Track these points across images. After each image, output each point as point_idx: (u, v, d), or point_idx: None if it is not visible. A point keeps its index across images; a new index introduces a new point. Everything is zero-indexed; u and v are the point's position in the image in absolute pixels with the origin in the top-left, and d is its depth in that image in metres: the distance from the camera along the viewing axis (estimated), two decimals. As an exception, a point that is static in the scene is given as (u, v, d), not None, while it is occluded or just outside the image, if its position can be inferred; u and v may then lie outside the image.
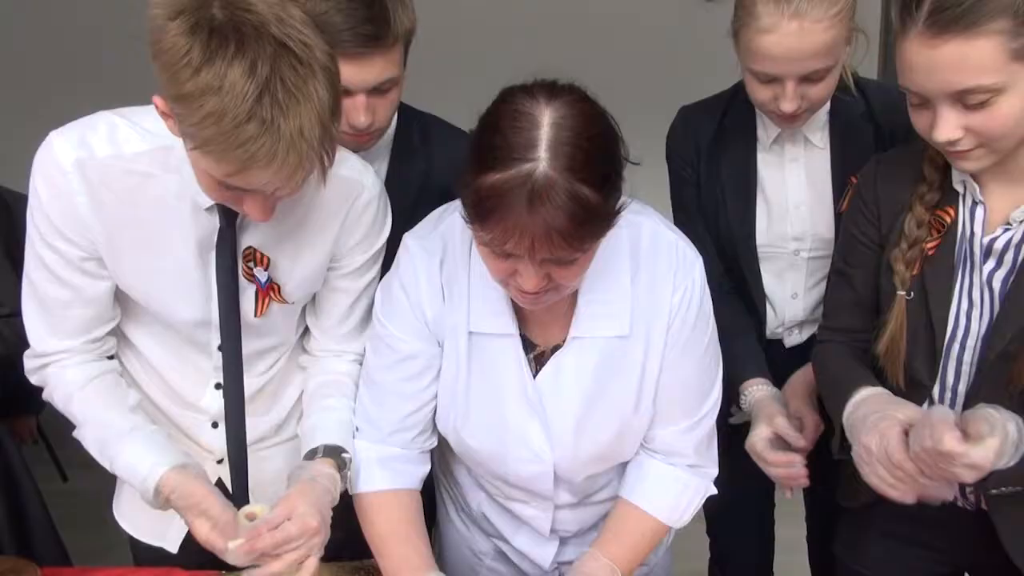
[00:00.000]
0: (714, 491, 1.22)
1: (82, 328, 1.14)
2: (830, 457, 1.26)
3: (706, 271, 1.13)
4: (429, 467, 1.21)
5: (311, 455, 1.15)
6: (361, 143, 1.31)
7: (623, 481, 1.21)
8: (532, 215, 0.88)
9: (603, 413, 1.12)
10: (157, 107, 0.96)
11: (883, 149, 1.39)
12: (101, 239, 1.08)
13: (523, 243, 0.90)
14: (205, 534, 1.03)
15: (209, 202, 1.07)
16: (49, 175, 1.04)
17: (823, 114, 1.44)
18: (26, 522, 1.55)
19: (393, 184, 1.35)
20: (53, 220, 1.06)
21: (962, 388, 1.13)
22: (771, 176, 1.48)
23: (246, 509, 1.06)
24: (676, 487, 1.18)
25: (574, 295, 1.09)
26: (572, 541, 1.28)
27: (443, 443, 1.24)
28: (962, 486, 1.17)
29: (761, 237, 1.50)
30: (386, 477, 1.16)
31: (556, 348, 1.11)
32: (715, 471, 1.21)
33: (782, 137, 1.46)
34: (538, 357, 1.13)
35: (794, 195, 1.48)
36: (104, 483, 1.28)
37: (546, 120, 0.90)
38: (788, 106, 1.29)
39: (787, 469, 1.29)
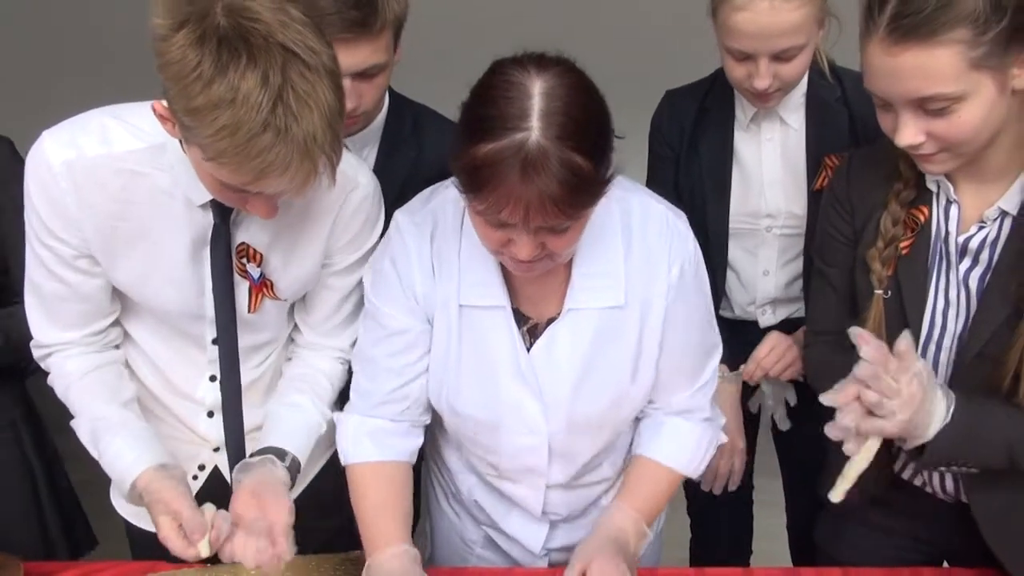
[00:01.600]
0: (725, 439, 1.27)
1: (80, 321, 1.15)
2: (813, 448, 1.28)
3: None
4: (421, 441, 1.22)
5: (263, 452, 1.15)
6: (347, 127, 1.29)
7: (637, 439, 1.23)
8: (525, 183, 0.90)
9: (598, 383, 1.13)
10: (156, 111, 0.96)
11: (856, 135, 1.45)
12: (93, 238, 1.08)
13: (517, 212, 0.92)
14: (165, 532, 1.03)
15: (203, 199, 1.07)
16: (39, 176, 1.05)
17: (799, 96, 1.48)
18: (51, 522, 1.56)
19: (382, 172, 1.35)
20: (44, 220, 1.07)
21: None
22: (747, 154, 1.53)
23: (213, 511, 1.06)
24: (690, 438, 1.21)
25: (567, 268, 1.11)
26: (562, 526, 1.28)
27: (434, 426, 1.26)
28: (942, 478, 1.19)
29: (735, 214, 1.55)
30: (375, 449, 1.17)
31: (551, 321, 1.12)
32: (724, 419, 1.26)
33: (758, 116, 1.50)
34: (531, 330, 1.14)
35: (768, 173, 1.52)
36: (96, 474, 1.27)
37: (537, 90, 0.91)
38: (761, 83, 1.34)
39: None
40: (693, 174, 1.54)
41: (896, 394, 0.97)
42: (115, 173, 1.05)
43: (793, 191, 1.50)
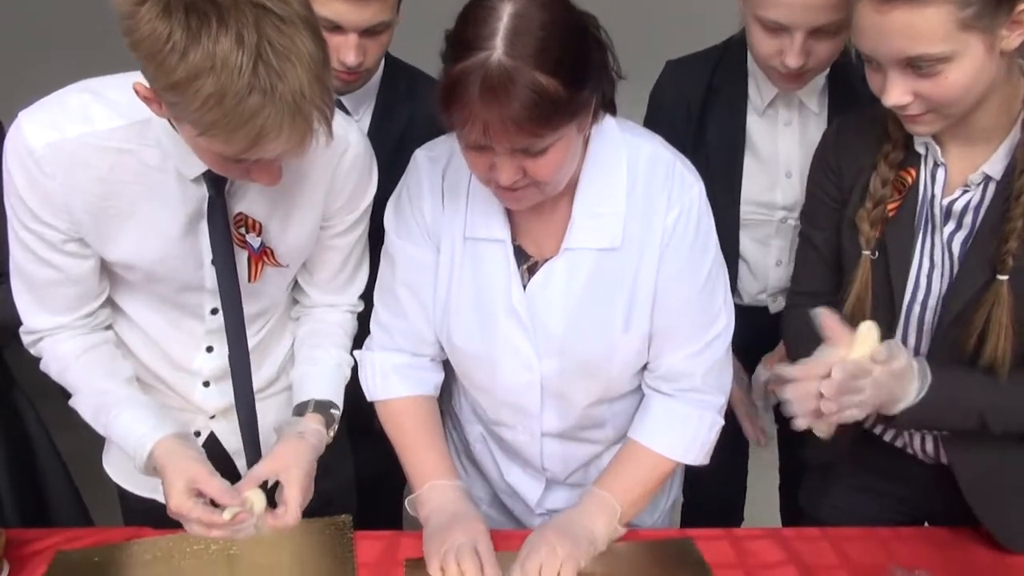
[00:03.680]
0: (722, 423, 1.21)
1: (70, 306, 1.14)
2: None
3: None
4: (443, 376, 1.27)
5: (301, 409, 1.18)
6: (348, 82, 1.33)
7: (631, 423, 1.22)
8: (485, 102, 0.91)
9: (590, 326, 1.13)
10: (139, 93, 0.93)
11: None
12: (83, 220, 1.06)
13: (477, 129, 0.93)
14: (180, 500, 1.03)
15: (196, 172, 1.05)
16: (21, 160, 1.02)
17: (821, 79, 1.39)
18: (46, 490, 1.54)
19: (377, 132, 1.37)
20: (29, 205, 1.04)
21: (923, 349, 1.14)
22: (762, 141, 1.44)
23: (247, 494, 1.07)
24: (680, 422, 1.18)
25: (569, 206, 1.11)
26: (560, 488, 1.30)
27: (448, 376, 1.29)
28: (922, 440, 1.20)
29: (748, 204, 1.47)
30: (403, 384, 1.23)
31: (550, 260, 1.13)
32: (722, 400, 1.21)
33: (776, 100, 1.41)
34: (531, 268, 1.14)
35: (785, 162, 1.44)
36: (88, 444, 1.28)
37: (507, 12, 0.93)
38: (793, 61, 1.24)
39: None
40: (699, 160, 1.40)
41: (860, 391, 0.98)
42: (100, 152, 1.02)
43: None
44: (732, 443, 1.65)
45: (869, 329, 1.00)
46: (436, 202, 1.15)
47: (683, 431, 1.18)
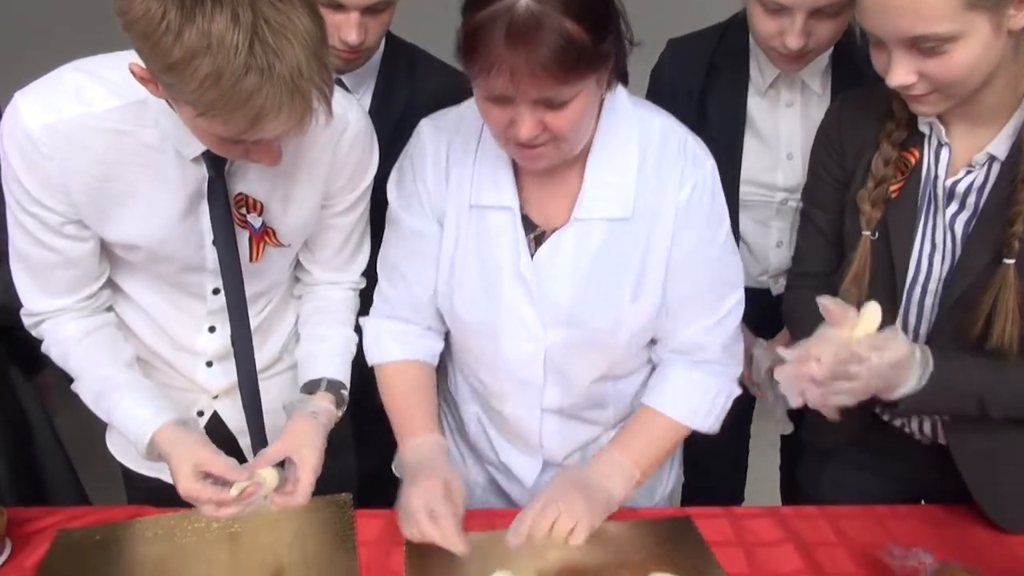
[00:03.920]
0: (739, 391, 1.22)
1: (71, 288, 1.13)
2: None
3: None
4: (442, 345, 1.28)
5: (312, 387, 1.18)
6: (349, 61, 1.33)
7: (646, 389, 1.22)
8: (512, 47, 0.90)
9: (599, 298, 1.12)
10: (136, 74, 0.91)
11: None
12: (81, 200, 1.05)
13: (502, 76, 0.92)
14: (188, 483, 1.03)
15: (195, 152, 1.04)
16: (18, 142, 1.00)
17: (824, 58, 1.37)
18: (44, 471, 1.55)
19: (377, 110, 1.37)
20: (27, 187, 1.03)
21: (924, 331, 1.14)
22: (763, 122, 1.43)
23: (258, 472, 1.07)
24: (697, 389, 1.19)
25: (579, 177, 1.10)
26: (554, 470, 1.28)
27: (444, 354, 1.29)
28: (920, 421, 1.20)
29: (748, 186, 1.46)
30: (399, 348, 1.24)
31: (557, 230, 1.12)
32: (738, 370, 1.22)
33: (778, 81, 1.39)
34: (538, 238, 1.13)
35: (786, 143, 1.43)
36: (88, 425, 1.27)
37: None
38: (794, 42, 1.23)
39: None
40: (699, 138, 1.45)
41: (852, 378, 0.98)
42: (97, 133, 1.01)
43: None
44: (734, 424, 1.66)
45: (873, 310, 1.00)
46: (439, 172, 1.15)
47: (702, 399, 1.18)
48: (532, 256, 1.13)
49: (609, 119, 1.10)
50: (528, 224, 1.13)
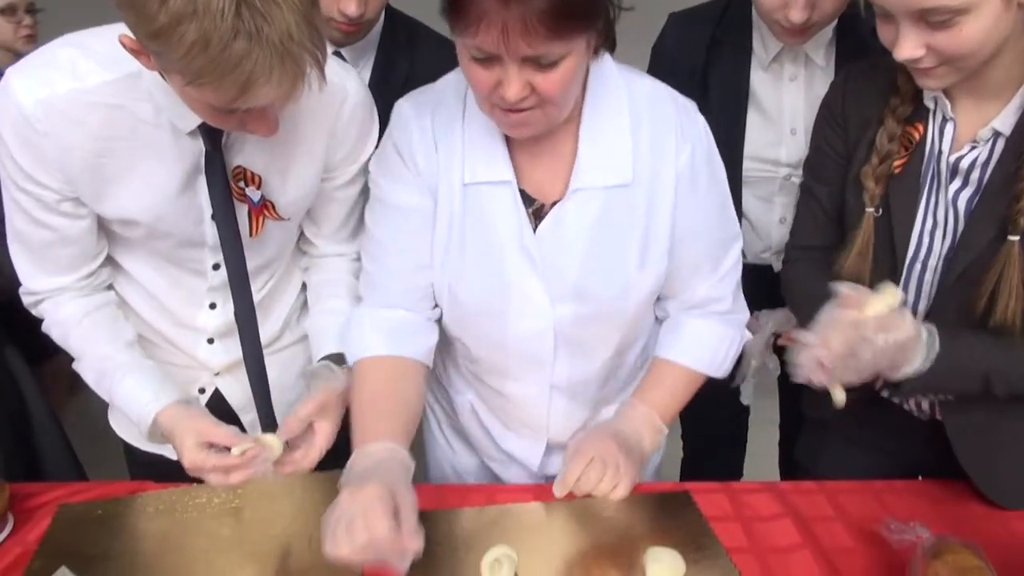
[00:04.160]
0: (749, 336, 1.26)
1: (69, 266, 1.13)
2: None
3: None
4: (436, 338, 1.19)
5: (339, 359, 1.16)
6: (349, 34, 1.32)
7: (658, 343, 1.23)
8: (503, 1, 0.87)
9: (605, 267, 1.11)
10: (126, 46, 0.90)
11: None
12: (77, 177, 1.04)
13: (492, 32, 0.89)
14: (193, 454, 1.04)
15: (191, 126, 1.03)
16: (12, 120, 0.99)
17: (828, 31, 1.36)
18: (39, 449, 1.55)
19: (377, 84, 1.36)
20: (22, 165, 1.02)
21: (922, 307, 1.14)
22: (767, 96, 1.41)
23: (262, 436, 1.09)
24: (712, 338, 1.21)
25: (574, 148, 1.08)
26: (556, 452, 1.28)
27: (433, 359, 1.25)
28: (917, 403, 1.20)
29: (751, 161, 1.45)
30: (383, 343, 1.13)
31: (556, 204, 1.10)
32: (747, 315, 1.25)
33: (781, 54, 1.38)
34: (536, 212, 1.11)
35: (790, 118, 1.42)
36: (86, 402, 1.29)
37: None
38: (797, 15, 1.23)
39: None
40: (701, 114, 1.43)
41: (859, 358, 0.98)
42: (91, 108, 1.00)
43: None
44: (733, 401, 1.67)
45: (890, 291, 1.00)
46: (428, 145, 1.11)
47: (717, 347, 1.21)
48: (534, 231, 1.11)
49: (597, 85, 1.08)
50: (525, 199, 1.11)
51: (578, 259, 1.10)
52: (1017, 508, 1.15)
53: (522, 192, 1.11)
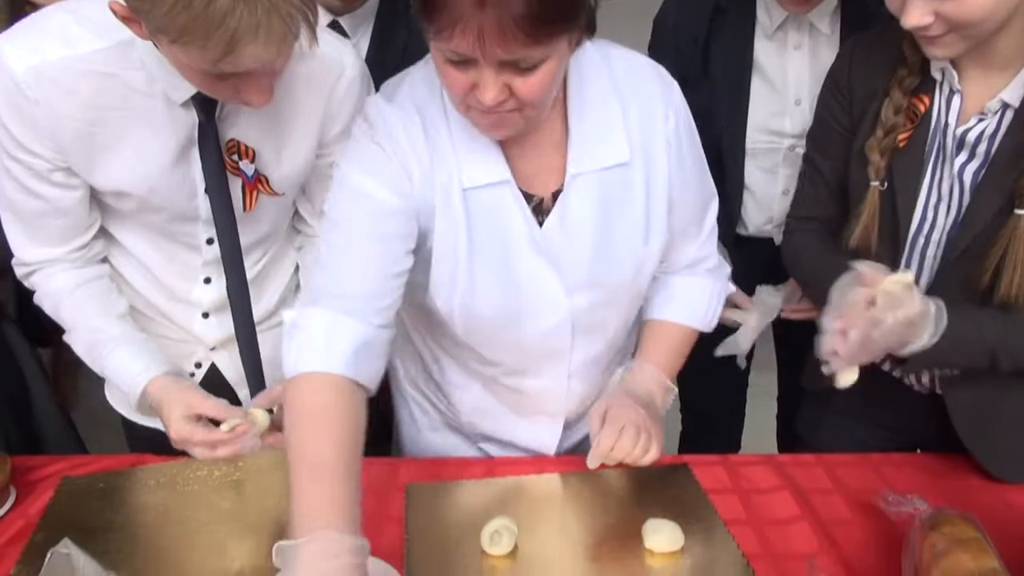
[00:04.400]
0: (733, 288, 1.29)
1: (61, 237, 1.11)
2: (799, 343, 1.28)
3: None
4: (384, 366, 1.02)
5: None
6: (348, 2, 1.31)
7: (648, 305, 1.24)
8: (480, 3, 0.81)
9: (616, 250, 1.10)
10: (116, 13, 0.89)
11: None
12: (69, 146, 1.02)
13: (468, 36, 0.83)
14: (179, 425, 1.04)
15: (184, 96, 1.02)
16: (3, 86, 0.98)
17: None
18: (39, 425, 1.55)
19: (375, 53, 1.34)
20: (13, 133, 1.01)
21: (924, 282, 1.13)
22: (771, 65, 1.39)
23: (252, 410, 1.10)
24: (701, 294, 1.23)
25: (565, 136, 1.06)
26: (568, 429, 1.27)
27: (422, 352, 1.24)
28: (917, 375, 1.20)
29: (753, 131, 1.43)
30: (337, 360, 0.95)
31: (555, 195, 1.07)
32: (729, 267, 1.27)
33: (786, 23, 1.36)
34: (537, 208, 1.08)
35: (795, 88, 1.40)
36: (87, 378, 1.28)
37: None
38: None
39: None
40: (704, 86, 1.38)
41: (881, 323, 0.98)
42: (82, 76, 0.98)
43: None
44: (732, 374, 1.67)
45: (904, 280, 0.99)
46: (419, 156, 1.02)
47: (708, 303, 1.24)
48: (540, 227, 1.07)
49: (577, 68, 1.04)
50: (523, 195, 1.07)
51: (589, 247, 1.08)
52: (1015, 481, 1.15)
53: (520, 189, 1.07)
